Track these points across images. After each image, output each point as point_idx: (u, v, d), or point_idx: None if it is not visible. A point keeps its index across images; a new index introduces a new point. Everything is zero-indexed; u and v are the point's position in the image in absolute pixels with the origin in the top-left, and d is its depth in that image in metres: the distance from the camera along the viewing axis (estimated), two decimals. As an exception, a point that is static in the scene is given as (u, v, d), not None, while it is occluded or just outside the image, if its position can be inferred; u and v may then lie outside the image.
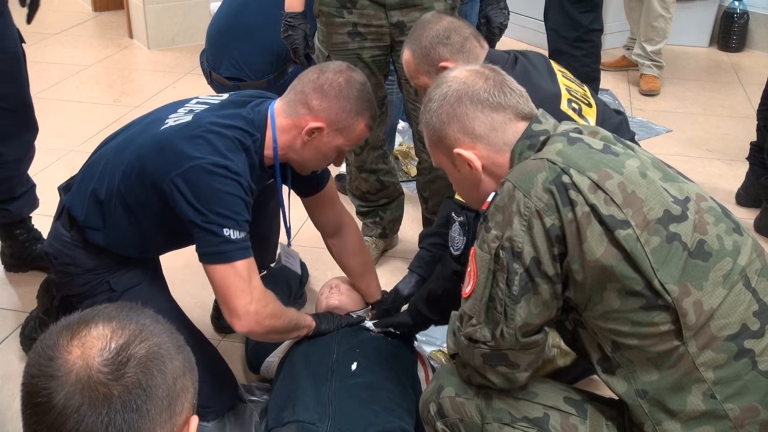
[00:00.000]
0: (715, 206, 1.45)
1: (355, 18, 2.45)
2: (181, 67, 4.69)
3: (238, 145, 1.87)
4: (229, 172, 1.81)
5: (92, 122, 3.86)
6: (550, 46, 3.64)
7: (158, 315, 0.98)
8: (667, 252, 1.34)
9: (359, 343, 2.09)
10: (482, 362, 1.47)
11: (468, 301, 1.46)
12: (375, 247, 2.85)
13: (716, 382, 1.35)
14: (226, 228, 1.80)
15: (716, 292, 1.36)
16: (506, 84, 1.55)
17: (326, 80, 1.94)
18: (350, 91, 1.94)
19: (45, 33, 5.27)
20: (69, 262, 2.03)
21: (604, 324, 1.40)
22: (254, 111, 1.96)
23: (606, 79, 4.30)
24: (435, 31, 2.07)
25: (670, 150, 3.63)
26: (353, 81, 1.96)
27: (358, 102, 1.96)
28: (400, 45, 2.47)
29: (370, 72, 2.54)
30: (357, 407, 1.86)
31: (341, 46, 2.50)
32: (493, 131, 1.52)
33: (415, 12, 2.41)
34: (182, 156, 1.81)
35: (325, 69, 1.98)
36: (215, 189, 1.80)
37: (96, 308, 0.95)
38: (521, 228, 1.37)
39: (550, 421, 1.47)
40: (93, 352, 0.88)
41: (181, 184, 1.80)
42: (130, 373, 0.88)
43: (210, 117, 1.90)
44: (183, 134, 1.86)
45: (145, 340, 0.91)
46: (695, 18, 4.97)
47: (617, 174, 1.38)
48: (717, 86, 4.49)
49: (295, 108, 1.95)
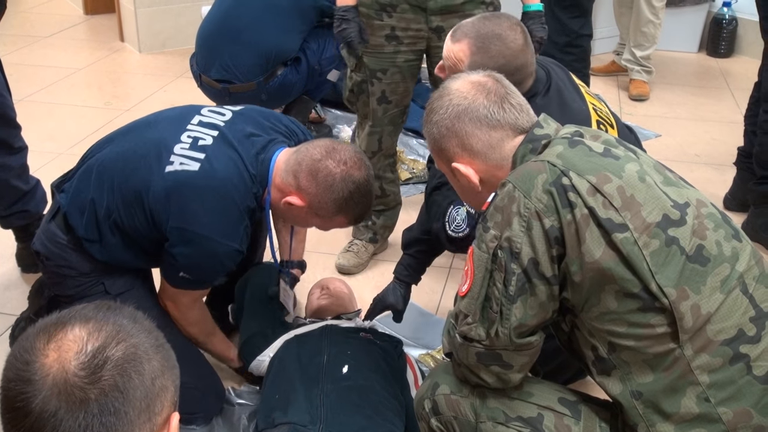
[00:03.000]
0: (715, 212, 1.47)
1: (394, 21, 2.46)
2: (172, 71, 4.68)
3: (243, 214, 1.93)
4: (224, 257, 1.93)
5: (83, 125, 3.85)
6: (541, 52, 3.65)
7: (137, 313, 0.97)
8: (665, 255, 1.36)
9: (350, 345, 2.10)
10: (476, 361, 1.48)
11: (464, 300, 1.47)
12: (365, 251, 2.86)
13: (710, 385, 1.37)
14: (187, 276, 1.97)
15: (714, 297, 1.37)
16: (507, 99, 1.55)
17: (324, 167, 1.89)
18: (342, 190, 1.90)
19: (36, 36, 5.26)
20: (63, 264, 2.03)
21: (600, 325, 1.41)
22: (259, 161, 1.95)
23: (596, 84, 4.32)
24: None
25: (658, 155, 3.61)
26: (349, 179, 1.90)
27: (346, 202, 1.92)
28: (436, 50, 2.47)
29: (401, 77, 2.55)
30: (348, 410, 1.86)
31: (377, 48, 2.50)
32: (491, 148, 1.53)
33: (455, 18, 2.37)
34: (188, 217, 1.88)
35: (332, 152, 1.92)
36: (203, 263, 1.95)
37: (73, 309, 0.94)
38: (520, 229, 1.38)
39: (544, 421, 1.48)
40: (69, 355, 0.88)
41: (176, 238, 1.90)
42: (106, 376, 0.87)
43: (220, 164, 1.90)
44: (193, 188, 1.88)
45: (122, 341, 0.90)
46: (684, 24, 5.00)
47: (616, 178, 1.39)
48: (706, 91, 4.52)
49: (288, 174, 1.93)
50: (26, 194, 2.60)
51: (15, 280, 2.74)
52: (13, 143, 2.54)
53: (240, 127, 1.99)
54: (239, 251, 1.94)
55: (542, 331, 1.49)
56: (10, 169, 2.54)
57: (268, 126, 2.05)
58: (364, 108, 2.65)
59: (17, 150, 2.57)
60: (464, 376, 1.54)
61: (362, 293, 2.59)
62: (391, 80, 2.56)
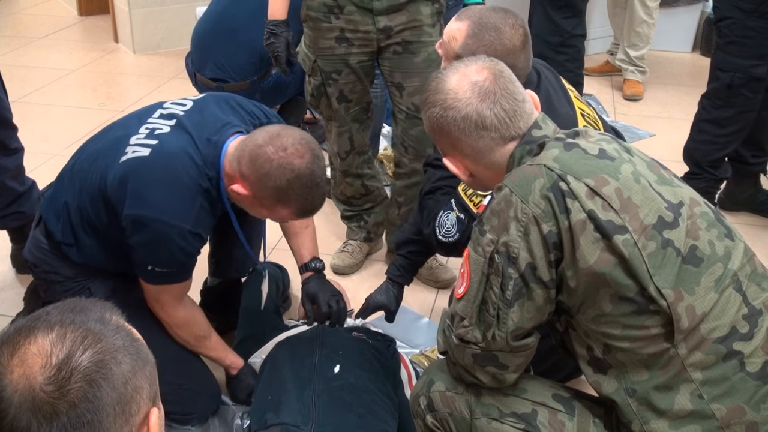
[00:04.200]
0: (708, 211, 1.47)
1: (342, 23, 2.45)
2: (167, 72, 4.68)
3: (195, 194, 1.86)
4: (178, 239, 1.85)
5: (77, 126, 3.85)
6: (534, 52, 3.65)
7: (105, 310, 0.94)
8: (662, 257, 1.36)
9: (342, 345, 2.10)
10: (472, 362, 1.48)
11: (460, 302, 1.47)
12: (360, 251, 2.86)
13: (704, 382, 1.37)
14: (156, 269, 1.91)
15: (708, 297, 1.38)
16: (500, 104, 1.50)
17: (263, 153, 1.79)
18: (279, 178, 1.79)
19: (30, 37, 5.25)
20: (49, 270, 2.03)
21: (596, 327, 1.41)
22: (211, 144, 1.89)
23: (589, 84, 4.32)
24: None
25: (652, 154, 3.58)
26: (287, 167, 1.79)
27: (285, 191, 1.81)
28: (386, 50, 2.48)
29: (356, 77, 2.55)
30: (341, 410, 1.86)
31: (328, 51, 2.50)
32: (479, 154, 1.53)
33: (402, 16, 2.41)
34: (138, 202, 1.83)
35: (275, 138, 1.81)
36: (159, 249, 1.87)
37: (37, 314, 0.91)
38: (518, 234, 1.38)
39: (538, 416, 1.49)
40: (34, 370, 0.85)
41: (130, 226, 1.85)
42: (75, 388, 0.85)
43: (172, 147, 1.86)
44: (143, 171, 1.84)
45: (89, 347, 0.87)
46: (678, 23, 5.01)
47: (613, 180, 1.40)
48: (699, 91, 4.43)
49: (234, 160, 1.85)
50: (21, 195, 2.60)
51: (10, 281, 2.74)
52: (9, 144, 2.54)
53: (197, 114, 1.96)
54: (193, 233, 1.87)
55: (538, 332, 1.49)
56: (5, 170, 2.54)
57: (228, 109, 2.01)
58: (327, 110, 2.65)
59: (13, 151, 2.56)
60: (459, 375, 1.54)
61: (357, 294, 2.59)
62: (346, 80, 2.55)
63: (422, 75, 2.46)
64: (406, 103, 2.53)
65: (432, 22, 2.46)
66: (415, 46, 2.46)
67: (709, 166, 3.06)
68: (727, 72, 2.89)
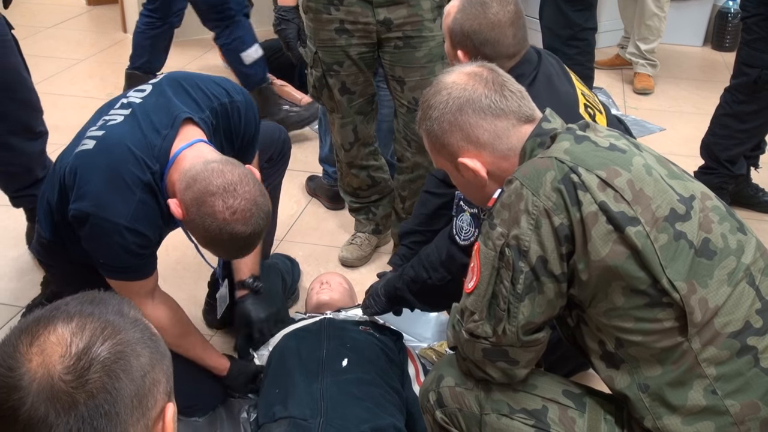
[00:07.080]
0: (719, 205, 1.46)
1: (342, 15, 2.44)
2: (174, 62, 4.67)
3: (133, 187, 1.77)
4: (115, 235, 1.78)
5: (85, 116, 3.75)
6: (544, 44, 3.63)
7: (124, 303, 0.94)
8: (674, 250, 1.35)
9: (349, 338, 2.09)
10: (482, 357, 1.47)
11: (470, 297, 1.46)
12: (368, 243, 2.85)
13: (718, 378, 1.36)
14: (109, 264, 1.86)
15: (721, 290, 1.37)
16: (506, 86, 1.53)
17: (211, 204, 1.69)
18: (216, 234, 1.71)
19: (38, 27, 5.25)
20: (51, 263, 2.04)
21: (608, 321, 1.40)
22: (160, 137, 1.82)
23: (600, 78, 4.30)
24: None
25: (663, 149, 3.59)
26: (227, 230, 1.70)
27: (215, 244, 1.76)
28: (387, 42, 2.47)
29: (358, 69, 2.53)
30: (349, 403, 1.86)
31: (329, 42, 2.49)
32: (498, 138, 1.51)
33: (402, 9, 2.40)
34: (79, 196, 1.78)
35: (229, 193, 1.70)
36: (101, 244, 1.82)
37: (56, 304, 0.91)
38: (529, 227, 1.37)
39: (549, 413, 1.47)
40: (54, 359, 0.85)
41: (75, 220, 1.81)
42: (93, 378, 0.85)
43: (114, 138, 1.81)
44: (85, 164, 1.80)
45: (108, 338, 0.87)
46: (689, 17, 4.98)
47: (625, 171, 1.38)
48: (710, 85, 4.49)
49: (182, 181, 1.75)
50: (39, 180, 2.57)
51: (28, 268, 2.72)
52: (34, 127, 2.52)
53: (152, 100, 1.89)
54: (130, 229, 1.78)
55: (548, 327, 1.48)
56: (29, 155, 2.53)
57: (183, 94, 1.92)
58: (329, 102, 2.63)
59: (38, 135, 2.55)
60: (469, 370, 1.53)
61: (365, 286, 2.57)
62: (348, 72, 2.54)
63: (423, 69, 2.47)
64: (407, 97, 2.52)
65: (432, 17, 2.45)
66: (416, 41, 2.45)
67: (726, 161, 3.07)
68: (754, 68, 2.88)
